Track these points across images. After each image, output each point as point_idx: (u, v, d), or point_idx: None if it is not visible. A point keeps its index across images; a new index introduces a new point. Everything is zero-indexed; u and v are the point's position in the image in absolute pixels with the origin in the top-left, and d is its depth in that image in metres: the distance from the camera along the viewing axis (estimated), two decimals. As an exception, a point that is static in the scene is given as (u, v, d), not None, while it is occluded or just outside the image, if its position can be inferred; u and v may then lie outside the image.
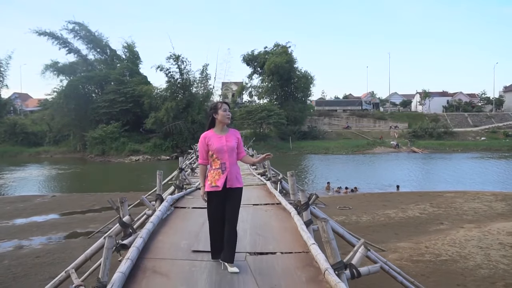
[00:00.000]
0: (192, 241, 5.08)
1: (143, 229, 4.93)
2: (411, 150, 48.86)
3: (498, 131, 59.41)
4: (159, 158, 45.94)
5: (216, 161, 4.29)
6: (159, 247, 4.81)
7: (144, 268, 4.08)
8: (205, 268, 4.18)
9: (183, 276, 3.97)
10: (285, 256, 4.54)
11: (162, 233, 5.39)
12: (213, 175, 4.28)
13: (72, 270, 3.91)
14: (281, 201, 7.16)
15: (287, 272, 4.06)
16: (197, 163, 16.69)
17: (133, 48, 59.67)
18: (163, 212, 6.08)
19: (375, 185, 24.89)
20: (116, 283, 3.38)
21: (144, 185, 24.01)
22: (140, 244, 4.39)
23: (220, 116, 4.32)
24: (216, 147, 4.26)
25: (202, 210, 7.07)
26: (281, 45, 61.81)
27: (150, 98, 49.91)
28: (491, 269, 8.71)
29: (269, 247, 4.86)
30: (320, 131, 60.36)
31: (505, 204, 16.62)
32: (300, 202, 5.62)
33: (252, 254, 4.54)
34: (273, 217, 6.46)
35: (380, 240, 11.31)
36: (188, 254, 4.63)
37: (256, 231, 5.47)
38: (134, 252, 4.10)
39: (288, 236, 5.28)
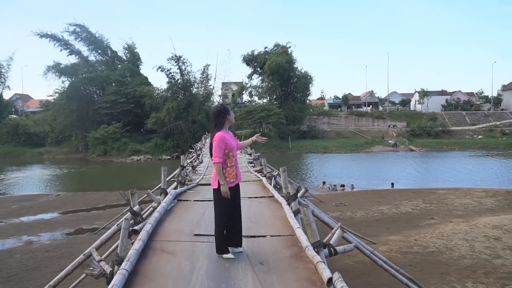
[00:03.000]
0: (194, 227, 5.78)
1: (151, 217, 5.63)
2: (409, 149, 49.41)
3: (495, 129, 59.86)
4: (160, 158, 46.40)
5: (232, 159, 4.66)
6: (165, 231, 5.50)
7: (153, 247, 4.77)
8: (205, 248, 4.86)
9: (187, 254, 4.66)
10: (274, 238, 5.25)
11: (167, 221, 6.08)
12: (230, 172, 4.64)
13: (93, 250, 4.57)
14: (274, 194, 7.87)
15: (274, 250, 4.76)
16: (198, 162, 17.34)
17: (134, 49, 60.26)
18: (168, 203, 6.78)
19: (372, 182, 25.49)
20: (132, 258, 4.06)
21: (146, 184, 24.53)
22: (149, 228, 5.08)
23: (231, 117, 4.70)
24: (233, 145, 4.65)
25: (203, 202, 7.77)
26: (281, 45, 62.21)
27: (151, 99, 50.48)
28: (474, 259, 9.25)
29: (261, 231, 5.57)
30: (319, 130, 60.91)
31: (494, 200, 17.17)
32: (290, 194, 6.28)
33: (246, 237, 5.20)
34: (266, 208, 7.17)
35: (372, 234, 11.84)
36: (191, 237, 5.32)
37: (250, 219, 6.17)
38: (144, 235, 4.79)
39: (278, 223, 5.97)
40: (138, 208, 5.48)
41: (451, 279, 8.15)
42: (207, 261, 4.43)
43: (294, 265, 4.19)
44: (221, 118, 4.64)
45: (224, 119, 4.65)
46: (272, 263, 4.31)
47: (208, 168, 14.65)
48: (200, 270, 4.16)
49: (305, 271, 4.01)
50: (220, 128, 4.62)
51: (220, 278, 3.98)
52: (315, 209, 7.31)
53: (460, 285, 7.86)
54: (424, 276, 8.22)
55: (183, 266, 4.24)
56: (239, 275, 4.05)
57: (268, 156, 23.30)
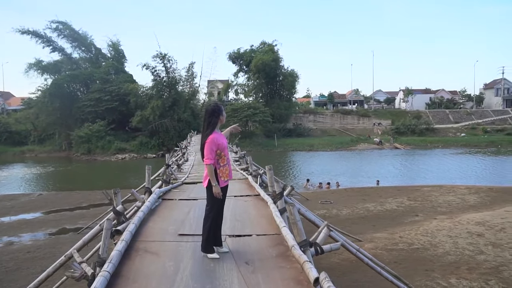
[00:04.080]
0: (178, 227, 5.69)
1: (134, 217, 5.54)
2: (394, 147, 49.85)
3: (477, 127, 60.88)
4: (145, 156, 46.05)
5: (224, 158, 4.63)
6: (149, 231, 5.41)
7: (136, 248, 4.68)
8: (190, 248, 4.79)
9: (171, 254, 4.58)
10: (260, 237, 5.20)
11: (151, 220, 5.98)
12: (223, 171, 4.62)
13: (74, 251, 4.46)
14: (260, 192, 7.81)
15: (260, 250, 4.70)
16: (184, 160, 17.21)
17: (118, 46, 59.65)
18: (152, 203, 6.68)
19: (357, 180, 25.64)
20: (114, 259, 3.96)
21: (130, 182, 24.30)
22: (132, 229, 4.98)
23: (223, 117, 4.64)
24: (224, 145, 4.63)
25: (188, 201, 7.69)
26: (267, 43, 62.12)
27: (136, 97, 50.09)
28: (458, 255, 9.37)
29: (246, 230, 5.52)
30: (305, 128, 61.04)
31: (477, 197, 17.44)
32: (276, 193, 6.23)
33: (231, 236, 5.17)
34: (252, 206, 7.12)
35: (358, 232, 11.90)
36: (175, 237, 5.24)
37: (235, 218, 6.12)
38: (127, 235, 4.69)
39: (263, 221, 5.92)
40: (122, 208, 5.38)
41: (436, 276, 8.22)
42: (191, 261, 4.36)
43: (280, 265, 4.15)
44: (214, 118, 4.57)
45: (217, 119, 4.59)
46: (258, 262, 4.26)
47: (193, 167, 14.54)
48: (185, 270, 4.10)
49: (291, 270, 3.97)
50: (212, 129, 4.55)
51: (205, 279, 3.92)
52: (301, 208, 7.30)
53: (444, 281, 7.93)
54: (409, 273, 8.27)
55: (167, 267, 4.17)
56: (224, 275, 4.00)
57: (254, 154, 23.28)
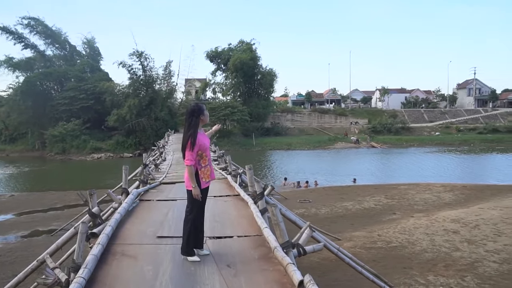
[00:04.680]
0: (157, 229, 5.54)
1: (111, 219, 5.34)
2: (371, 145, 50.47)
3: (451, 126, 62.34)
4: (122, 155, 45.51)
5: (205, 159, 4.53)
6: (127, 234, 5.24)
7: (113, 252, 4.51)
8: (169, 251, 4.64)
9: (149, 257, 4.43)
10: (241, 239, 5.10)
11: (129, 222, 5.81)
12: (205, 172, 4.51)
13: (47, 256, 4.25)
14: (240, 192, 7.71)
15: (242, 252, 4.60)
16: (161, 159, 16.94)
17: (94, 44, 58.72)
18: (129, 204, 6.49)
19: (335, 178, 25.80)
20: (90, 264, 3.80)
21: (107, 182, 23.88)
22: (109, 231, 4.81)
23: (205, 117, 4.52)
24: (206, 146, 4.54)
25: (166, 202, 7.53)
26: (245, 42, 61.90)
27: (112, 95, 49.42)
28: (435, 253, 9.50)
29: (227, 231, 5.40)
30: (283, 127, 61.28)
31: (452, 195, 17.78)
32: (256, 193, 6.14)
33: (211, 238, 5.04)
34: (232, 207, 7.01)
35: (337, 230, 11.93)
36: (154, 240, 5.09)
37: (215, 219, 5.99)
38: (104, 238, 4.51)
39: (244, 222, 5.82)
40: (97, 210, 5.20)
41: (414, 273, 8.29)
42: (171, 265, 4.23)
43: (263, 267, 4.06)
44: (195, 119, 4.45)
45: (197, 119, 4.47)
46: (240, 265, 4.16)
47: (171, 166, 14.33)
48: (164, 274, 3.97)
49: (274, 273, 3.89)
50: (194, 129, 4.41)
51: (185, 283, 3.81)
52: (282, 208, 7.22)
53: (422, 279, 8.01)
54: (387, 271, 8.32)
55: (146, 271, 4.03)
56: (205, 279, 3.88)
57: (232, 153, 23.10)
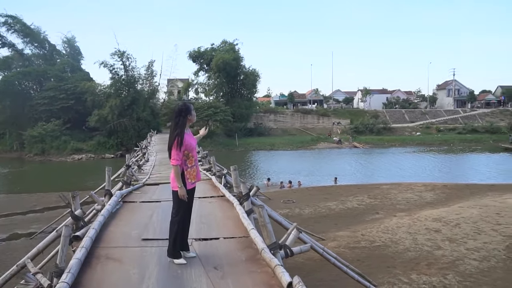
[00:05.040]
0: (141, 231, 5.46)
1: (94, 221, 5.24)
2: (353, 145, 50.93)
3: (431, 126, 63.42)
4: (103, 156, 44.97)
5: (191, 159, 4.48)
6: (111, 237, 5.15)
7: (98, 255, 4.42)
8: (155, 253, 4.58)
9: (135, 260, 4.36)
10: (227, 240, 5.05)
11: (113, 225, 5.71)
12: (191, 173, 4.46)
13: (28, 260, 4.15)
14: (225, 193, 7.67)
15: (228, 253, 4.56)
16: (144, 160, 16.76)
17: (74, 43, 57.90)
18: (113, 206, 6.38)
19: (319, 179, 25.92)
20: (73, 268, 3.70)
21: (88, 184, 23.54)
22: (93, 234, 4.71)
23: (193, 116, 4.48)
24: (193, 146, 4.49)
25: (150, 204, 7.43)
26: (228, 42, 61.75)
27: (93, 95, 48.81)
28: (417, 251, 9.59)
29: (213, 233, 5.35)
30: (266, 127, 61.33)
31: (433, 194, 18.03)
32: (241, 194, 6.11)
33: (198, 240, 4.99)
34: (217, 208, 6.96)
35: (321, 230, 11.96)
36: (139, 242, 5.01)
37: (201, 220, 5.93)
38: (87, 242, 4.42)
39: (230, 223, 5.79)
40: (80, 212, 5.09)
41: (397, 272, 8.35)
42: (157, 268, 4.17)
43: (250, 269, 4.03)
44: (182, 118, 4.41)
45: (185, 119, 4.42)
46: (227, 267, 4.12)
47: (154, 167, 14.18)
48: (150, 278, 3.90)
49: (262, 275, 3.87)
50: (181, 129, 4.36)
51: (172, 286, 3.76)
52: (267, 209, 7.20)
53: (405, 278, 8.07)
54: (371, 270, 8.36)
55: (132, 275, 3.96)
56: (192, 282, 3.83)
57: (215, 153, 23.06)
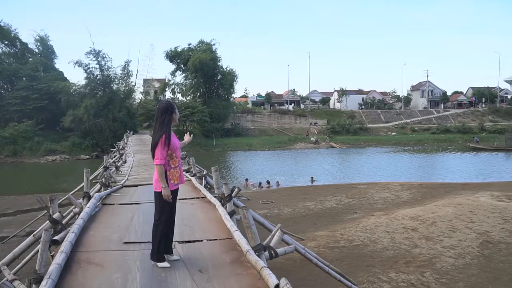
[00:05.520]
0: (123, 234, 5.35)
1: (74, 225, 5.10)
2: (330, 146, 51.41)
3: (406, 126, 64.71)
4: (78, 157, 44.15)
5: (175, 160, 4.40)
6: (91, 240, 5.02)
7: (78, 260, 4.30)
8: (137, 257, 4.49)
9: (117, 265, 4.26)
10: (211, 242, 5.00)
11: (92, 228, 5.58)
12: (174, 174, 4.38)
13: (4, 267, 4.00)
14: (206, 194, 7.61)
15: (213, 256, 4.51)
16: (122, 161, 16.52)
17: (47, 41, 56.48)
18: (92, 208, 6.24)
19: (296, 179, 26.03)
20: (53, 274, 3.58)
21: (63, 186, 23.06)
22: (72, 238, 4.58)
23: (177, 115, 4.42)
24: (177, 146, 4.42)
25: (130, 206, 7.31)
26: (205, 42, 61.62)
27: (68, 95, 47.87)
28: (395, 250, 9.71)
29: (196, 235, 5.29)
30: (243, 128, 61.39)
31: (409, 193, 18.35)
32: (224, 195, 6.08)
33: (181, 243, 4.92)
34: (199, 209, 6.89)
35: (300, 230, 11.99)
36: (120, 245, 4.90)
37: (183, 222, 5.84)
38: (67, 246, 4.30)
39: (213, 225, 5.74)
40: (59, 216, 4.95)
41: (376, 271, 8.44)
42: (140, 271, 4.08)
43: (236, 271, 4.00)
44: (168, 116, 4.32)
45: (170, 117, 4.34)
46: (212, 270, 4.08)
47: (132, 168, 13.98)
48: (134, 282, 3.81)
49: (248, 277, 3.84)
50: (167, 129, 4.29)
51: (157, 290, 3.68)
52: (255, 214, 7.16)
53: (384, 276, 8.17)
54: (351, 270, 8.43)
55: (114, 279, 3.86)
56: (177, 285, 3.77)
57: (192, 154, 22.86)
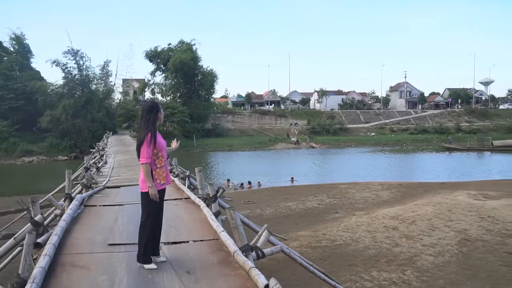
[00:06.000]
0: (107, 236, 5.28)
1: (56, 227, 5.00)
2: (310, 146, 51.74)
3: (385, 127, 65.58)
4: (56, 159, 43.50)
5: (161, 159, 4.38)
6: (75, 243, 4.94)
7: (62, 263, 4.22)
8: (123, 259, 4.43)
9: (103, 267, 4.20)
10: (197, 243, 4.98)
11: (75, 230, 5.49)
12: (160, 173, 4.36)
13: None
14: (190, 195, 7.56)
15: (200, 257, 4.48)
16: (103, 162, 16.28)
17: (23, 40, 55.18)
18: (74, 210, 6.14)
19: (278, 179, 26.08)
20: (37, 277, 3.49)
21: (40, 187, 22.52)
22: (55, 241, 4.49)
23: (162, 115, 4.42)
24: (163, 145, 4.39)
25: (113, 207, 7.22)
26: (185, 42, 61.37)
27: (45, 95, 47.07)
28: (377, 249, 9.85)
29: (182, 236, 5.25)
30: (223, 128, 61.30)
31: (389, 193, 18.63)
32: (208, 195, 6.06)
33: (167, 244, 4.88)
34: (183, 210, 6.85)
35: (282, 231, 12.03)
36: (105, 247, 4.83)
37: (168, 223, 5.78)
38: (51, 249, 4.21)
39: (198, 226, 5.71)
40: (41, 218, 4.85)
41: (359, 270, 8.54)
42: (127, 273, 4.03)
43: (224, 272, 3.99)
44: (153, 115, 4.32)
45: (155, 116, 4.34)
46: (199, 271, 4.05)
47: (113, 169, 13.80)
48: (120, 284, 3.76)
49: (236, 278, 3.83)
50: (151, 126, 4.29)
51: (145, 292, 3.64)
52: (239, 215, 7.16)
53: (366, 275, 8.27)
54: (334, 269, 8.50)
55: (100, 282, 3.80)
56: (165, 287, 3.73)
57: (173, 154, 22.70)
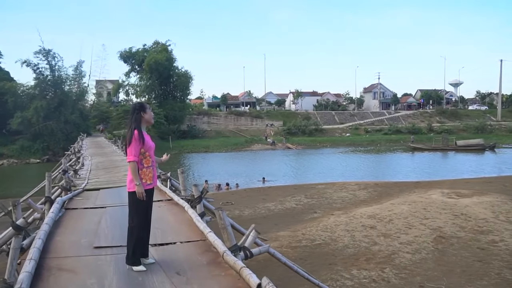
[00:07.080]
0: (92, 239, 5.21)
1: (39, 231, 4.91)
2: (286, 147, 52.01)
3: (360, 127, 66.57)
4: (28, 161, 42.45)
5: (148, 159, 4.38)
6: (60, 246, 4.86)
7: (48, 267, 4.14)
8: (111, 261, 4.39)
9: (91, 270, 4.14)
10: (185, 245, 4.97)
11: (59, 234, 5.39)
12: (146, 173, 4.35)
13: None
14: (173, 197, 7.52)
15: (188, 258, 4.48)
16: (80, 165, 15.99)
17: (-9, 40, 53.76)
18: (56, 213, 6.02)
19: (254, 180, 26.14)
20: (24, 282, 3.42)
21: (12, 191, 21.92)
22: (40, 245, 4.40)
23: (148, 115, 4.39)
24: (150, 145, 4.37)
25: (95, 210, 7.12)
26: (160, 43, 60.84)
27: (15, 96, 45.84)
28: (356, 248, 10.01)
29: (169, 238, 5.23)
30: (199, 130, 61.06)
31: (366, 192, 18.93)
32: (193, 197, 6.06)
33: (154, 246, 4.85)
34: (167, 212, 6.80)
35: (262, 231, 11.96)
36: (91, 250, 4.77)
37: (154, 225, 5.70)
38: (35, 253, 4.12)
39: (184, 227, 5.70)
40: (23, 222, 4.74)
41: (339, 269, 8.67)
42: (116, 276, 3.98)
43: (214, 273, 3.99)
44: (136, 115, 4.31)
45: (139, 115, 4.33)
46: (189, 272, 4.04)
47: (91, 172, 13.57)
48: (110, 287, 3.73)
49: (227, 278, 3.84)
50: (137, 125, 4.29)
51: (136, 295, 3.62)
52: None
53: (347, 273, 8.40)
54: (314, 268, 8.60)
55: (90, 285, 3.75)
56: None
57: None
